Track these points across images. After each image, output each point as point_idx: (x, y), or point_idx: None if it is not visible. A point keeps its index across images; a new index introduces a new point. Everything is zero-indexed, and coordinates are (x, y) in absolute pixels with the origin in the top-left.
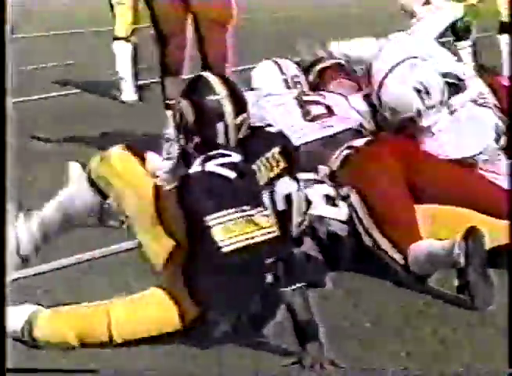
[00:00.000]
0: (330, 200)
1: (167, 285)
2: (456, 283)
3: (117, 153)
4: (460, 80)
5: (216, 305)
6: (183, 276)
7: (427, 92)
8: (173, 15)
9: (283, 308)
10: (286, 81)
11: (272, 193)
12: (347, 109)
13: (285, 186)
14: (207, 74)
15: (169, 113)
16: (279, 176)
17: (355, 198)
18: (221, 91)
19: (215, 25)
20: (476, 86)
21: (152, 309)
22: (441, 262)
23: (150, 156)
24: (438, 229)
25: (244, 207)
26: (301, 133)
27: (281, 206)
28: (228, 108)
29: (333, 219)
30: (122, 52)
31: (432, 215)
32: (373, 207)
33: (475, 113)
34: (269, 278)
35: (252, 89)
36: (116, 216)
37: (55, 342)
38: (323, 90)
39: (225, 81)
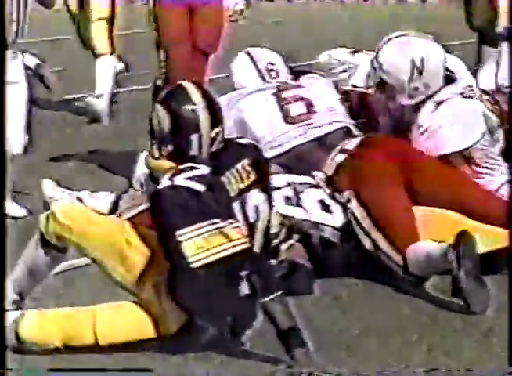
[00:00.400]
0: (325, 206)
1: (147, 296)
2: (450, 286)
3: (60, 208)
4: (451, 72)
5: (200, 312)
6: (167, 286)
7: (421, 72)
8: (177, 23)
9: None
10: (259, 71)
11: (243, 205)
12: (329, 98)
13: (254, 198)
14: (186, 83)
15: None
16: (249, 188)
17: (354, 203)
18: (198, 101)
19: (197, 52)
20: (465, 79)
21: (134, 316)
22: (438, 264)
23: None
24: (427, 232)
25: (214, 220)
26: (285, 138)
27: (252, 218)
28: (204, 120)
29: (327, 225)
30: (106, 69)
31: (423, 219)
32: (372, 210)
33: (463, 104)
34: (245, 289)
35: (235, 89)
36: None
37: (40, 343)
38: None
39: (204, 92)
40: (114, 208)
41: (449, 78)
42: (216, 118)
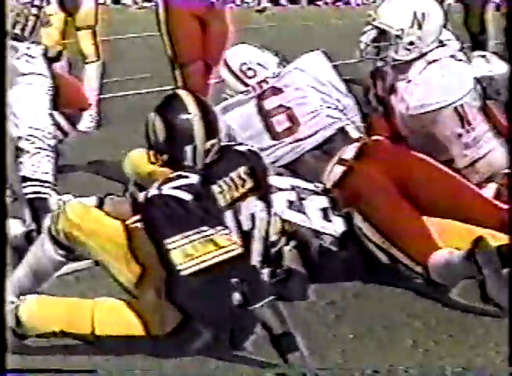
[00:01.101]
0: (326, 215)
1: (148, 299)
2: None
3: (71, 206)
4: (440, 41)
5: (195, 317)
6: (165, 288)
7: (420, 26)
8: (193, 41)
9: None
10: (236, 76)
11: (236, 214)
12: (311, 98)
13: (250, 206)
14: (181, 92)
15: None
16: (245, 196)
17: (358, 218)
18: (193, 110)
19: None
20: (454, 46)
21: (125, 313)
22: (458, 272)
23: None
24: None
25: (202, 228)
26: (274, 157)
27: (247, 226)
28: (198, 130)
29: (327, 234)
30: (95, 75)
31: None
32: (379, 225)
33: (454, 64)
34: (237, 297)
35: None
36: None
37: (39, 327)
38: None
39: (200, 101)
40: None
41: (441, 45)
42: (212, 129)
